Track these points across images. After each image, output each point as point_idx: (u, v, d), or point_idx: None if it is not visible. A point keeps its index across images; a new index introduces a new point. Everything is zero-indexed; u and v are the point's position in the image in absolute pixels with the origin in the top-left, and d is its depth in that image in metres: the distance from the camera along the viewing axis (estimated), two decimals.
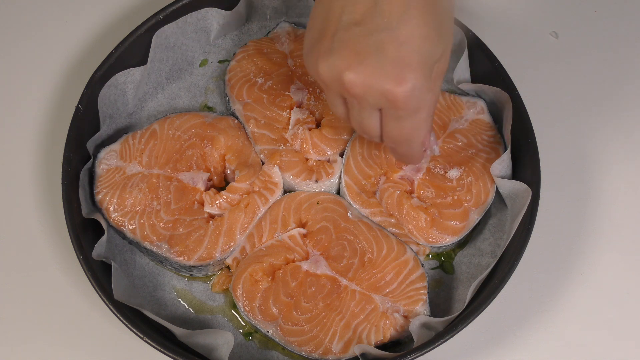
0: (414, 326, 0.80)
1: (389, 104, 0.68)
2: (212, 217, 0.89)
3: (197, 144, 0.92)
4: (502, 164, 0.87)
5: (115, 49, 0.93)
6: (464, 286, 0.88)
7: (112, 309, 0.80)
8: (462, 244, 0.90)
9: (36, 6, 1.10)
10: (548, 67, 1.03)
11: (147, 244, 0.86)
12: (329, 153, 0.92)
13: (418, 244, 0.87)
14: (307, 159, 0.92)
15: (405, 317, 0.83)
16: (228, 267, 0.88)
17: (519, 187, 0.85)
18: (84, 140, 0.90)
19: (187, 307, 0.88)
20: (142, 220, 0.87)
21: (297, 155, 0.92)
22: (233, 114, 0.96)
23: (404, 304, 0.83)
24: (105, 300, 0.80)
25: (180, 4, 0.96)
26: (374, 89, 0.67)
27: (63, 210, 0.84)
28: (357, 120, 0.74)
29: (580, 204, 0.94)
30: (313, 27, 0.72)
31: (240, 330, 0.87)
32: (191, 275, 0.89)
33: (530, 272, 0.89)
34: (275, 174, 0.90)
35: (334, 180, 0.91)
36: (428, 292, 0.84)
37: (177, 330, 0.80)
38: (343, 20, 0.68)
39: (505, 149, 0.90)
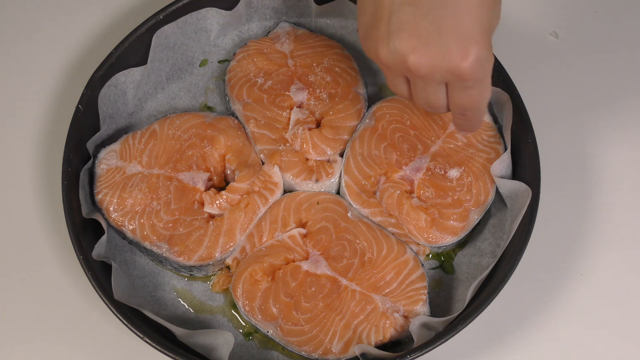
0: (414, 326, 0.80)
1: (456, 78, 0.69)
2: (212, 217, 0.89)
3: (197, 144, 0.92)
4: (502, 164, 0.87)
5: (115, 49, 0.93)
6: (464, 286, 0.88)
7: (112, 309, 0.80)
8: (462, 244, 0.90)
9: (36, 6, 1.10)
10: (548, 67, 1.03)
11: (147, 244, 0.86)
12: (329, 153, 0.92)
13: (418, 244, 0.87)
14: (307, 159, 0.92)
15: (405, 317, 0.83)
16: (228, 267, 0.88)
17: (519, 187, 0.85)
18: (84, 140, 0.90)
19: (187, 307, 0.88)
20: (142, 220, 0.87)
21: (297, 155, 0.92)
22: (233, 114, 0.96)
23: (404, 304, 0.83)
24: (105, 300, 0.80)
25: (180, 4, 0.96)
26: (440, 67, 0.68)
27: (63, 210, 0.84)
28: (422, 97, 0.74)
29: (580, 204, 0.94)
30: (365, 11, 0.73)
31: (240, 330, 0.87)
32: (191, 275, 0.89)
33: (530, 272, 0.89)
34: (275, 174, 0.90)
35: (334, 180, 0.91)
36: (428, 292, 0.84)
37: (177, 330, 0.80)
38: (395, 1, 0.69)
39: (505, 149, 0.90)
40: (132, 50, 0.94)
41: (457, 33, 0.67)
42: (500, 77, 0.91)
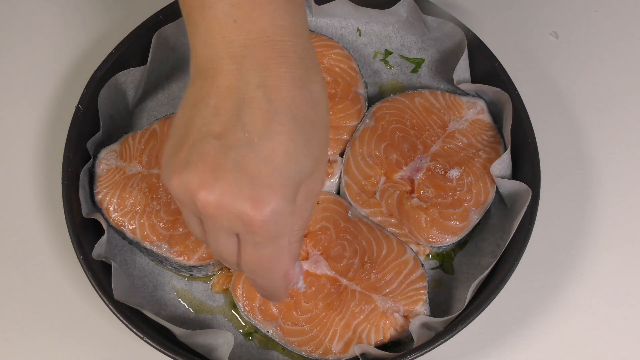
0: (414, 326, 0.81)
1: (245, 228, 0.61)
2: None
3: None
4: (502, 164, 0.87)
5: (115, 49, 0.93)
6: (464, 286, 0.88)
7: (112, 309, 0.80)
8: (462, 244, 0.90)
9: (36, 6, 1.10)
10: (548, 67, 1.03)
11: (147, 244, 0.86)
12: (329, 153, 0.92)
13: (418, 244, 0.87)
14: None
15: (405, 317, 0.83)
16: (228, 267, 0.88)
17: (519, 187, 0.85)
18: (84, 140, 0.90)
19: (187, 307, 0.88)
20: (142, 220, 0.87)
21: None
22: None
23: (404, 304, 0.83)
24: (105, 300, 0.80)
25: None
26: (229, 210, 0.60)
27: (63, 210, 0.84)
28: (213, 245, 0.66)
29: (580, 204, 0.94)
30: (173, 135, 0.64)
31: (240, 330, 0.87)
32: (191, 275, 0.89)
33: (530, 272, 0.89)
34: None
35: (334, 180, 0.91)
36: (428, 292, 0.84)
37: (177, 330, 0.80)
38: (203, 131, 0.61)
39: (505, 149, 0.90)
40: (132, 50, 0.94)
41: (255, 177, 0.59)
42: (500, 77, 0.91)
